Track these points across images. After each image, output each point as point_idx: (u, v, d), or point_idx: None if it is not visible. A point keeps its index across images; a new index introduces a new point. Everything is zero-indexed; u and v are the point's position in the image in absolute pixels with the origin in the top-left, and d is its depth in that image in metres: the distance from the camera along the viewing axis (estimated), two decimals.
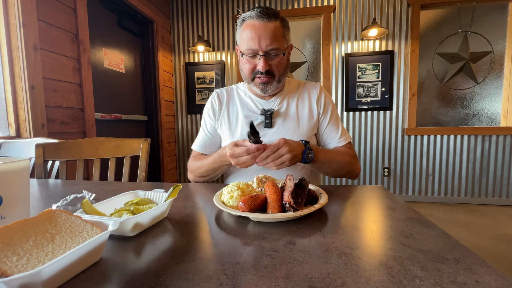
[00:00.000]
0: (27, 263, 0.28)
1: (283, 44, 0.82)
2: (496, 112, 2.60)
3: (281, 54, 0.82)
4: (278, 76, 0.85)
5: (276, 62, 0.83)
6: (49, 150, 1.05)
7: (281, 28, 0.81)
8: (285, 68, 0.87)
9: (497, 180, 2.59)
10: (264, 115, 0.91)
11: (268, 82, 0.85)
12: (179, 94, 3.08)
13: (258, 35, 0.79)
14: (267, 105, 0.93)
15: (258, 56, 0.81)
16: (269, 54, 0.81)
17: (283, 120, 0.92)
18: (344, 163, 0.86)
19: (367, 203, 0.57)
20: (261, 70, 0.82)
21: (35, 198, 0.66)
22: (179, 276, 0.31)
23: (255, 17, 0.79)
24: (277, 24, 0.80)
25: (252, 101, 0.95)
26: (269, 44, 0.79)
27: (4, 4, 1.38)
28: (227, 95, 0.99)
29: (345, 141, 0.93)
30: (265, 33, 0.78)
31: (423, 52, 2.66)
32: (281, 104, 0.93)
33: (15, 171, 0.40)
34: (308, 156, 0.75)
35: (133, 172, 1.06)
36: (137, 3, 2.37)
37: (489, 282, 0.28)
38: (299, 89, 0.97)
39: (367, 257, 0.34)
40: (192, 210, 0.55)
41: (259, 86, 0.86)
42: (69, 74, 1.68)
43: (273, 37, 0.79)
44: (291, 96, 0.95)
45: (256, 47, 0.80)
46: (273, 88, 0.87)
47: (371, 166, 2.80)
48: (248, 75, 0.86)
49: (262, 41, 0.79)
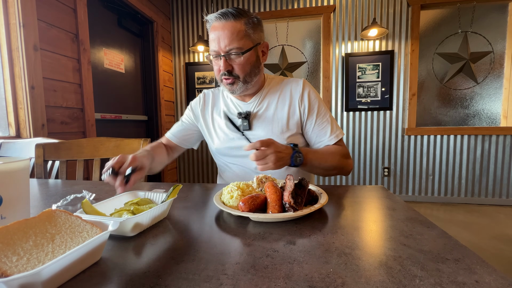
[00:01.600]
0: (27, 263, 0.28)
1: (246, 43, 0.80)
2: (496, 112, 2.60)
3: (240, 54, 0.80)
4: (243, 76, 0.83)
5: (238, 62, 0.81)
6: (49, 150, 1.05)
7: (243, 27, 0.79)
8: (251, 68, 0.83)
9: (497, 180, 2.59)
10: (240, 118, 0.89)
11: (234, 82, 0.83)
12: (179, 94, 3.08)
13: (218, 36, 0.79)
14: (246, 106, 0.92)
15: (219, 57, 0.81)
16: (229, 54, 0.80)
17: (262, 122, 0.89)
18: (335, 163, 0.83)
19: (367, 203, 0.57)
20: (222, 71, 0.82)
21: (35, 198, 0.66)
22: (179, 276, 0.31)
23: (215, 19, 0.80)
24: (238, 23, 0.79)
25: (233, 103, 0.95)
26: (227, 44, 0.78)
27: (4, 4, 1.38)
28: (213, 97, 1.00)
29: (336, 138, 0.89)
30: (223, 34, 0.78)
31: (423, 52, 2.66)
32: (260, 105, 0.91)
33: (15, 171, 0.40)
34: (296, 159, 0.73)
35: None
36: (137, 3, 2.37)
37: (489, 282, 0.28)
38: (281, 87, 0.93)
39: (367, 257, 0.34)
40: (192, 210, 0.55)
41: (226, 87, 0.86)
42: (69, 74, 1.68)
43: (231, 37, 0.78)
44: (272, 95, 0.92)
45: (217, 48, 0.80)
46: (241, 89, 0.85)
47: (371, 166, 2.80)
48: (217, 77, 0.86)
49: (221, 42, 0.78)
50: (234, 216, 0.50)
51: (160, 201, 0.53)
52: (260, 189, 0.56)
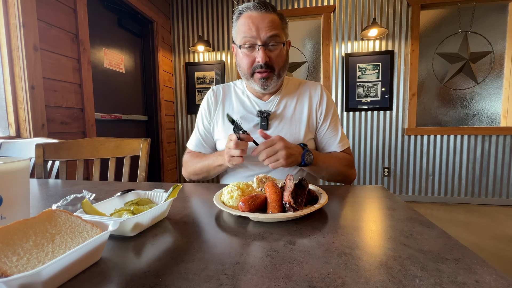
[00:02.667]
0: (27, 263, 0.28)
1: (282, 35, 0.79)
2: (496, 112, 2.60)
3: (281, 44, 0.79)
4: (278, 70, 0.81)
5: (276, 54, 0.79)
6: (49, 150, 1.05)
7: (279, 21, 0.79)
8: (284, 62, 0.83)
9: (497, 180, 2.59)
10: (260, 117, 0.87)
11: (269, 77, 0.81)
12: (179, 94, 3.08)
13: (256, 25, 0.76)
14: (265, 105, 0.89)
15: (257, 47, 0.78)
16: (268, 45, 0.78)
17: (280, 122, 0.88)
18: (342, 169, 0.83)
19: (367, 203, 0.57)
20: (260, 63, 0.78)
21: (35, 198, 0.66)
22: (179, 276, 0.31)
23: (253, 8, 0.77)
24: (275, 16, 0.78)
25: (250, 100, 0.91)
26: (268, 33, 0.76)
27: (4, 4, 1.38)
28: (223, 93, 0.95)
29: (343, 146, 0.90)
30: (263, 23, 0.75)
31: (423, 52, 2.66)
32: (279, 105, 0.89)
33: (15, 171, 0.40)
34: (307, 158, 0.73)
35: (133, 172, 1.07)
36: (137, 3, 2.37)
37: (489, 282, 0.28)
38: (299, 89, 0.92)
39: (367, 257, 0.34)
40: (192, 210, 0.55)
41: (259, 82, 0.82)
42: (69, 74, 1.68)
43: (272, 26, 0.76)
44: (290, 96, 0.91)
45: (255, 36, 0.76)
46: (273, 84, 0.83)
47: (371, 166, 2.80)
48: (247, 70, 0.82)
49: (261, 31, 0.75)
50: (234, 216, 0.50)
51: (160, 201, 0.53)
52: (260, 189, 0.56)
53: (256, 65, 0.79)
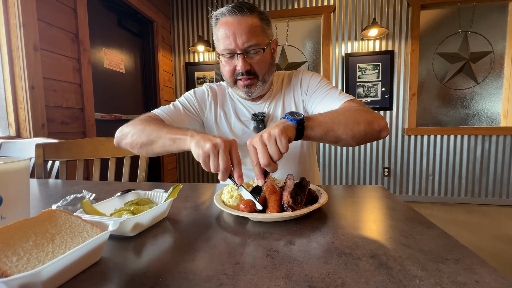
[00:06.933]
0: (27, 263, 0.28)
1: (263, 39, 0.74)
2: (496, 112, 2.60)
3: (261, 50, 0.74)
4: (262, 75, 0.77)
5: (257, 60, 0.74)
6: (49, 150, 1.05)
7: (259, 22, 0.74)
8: (269, 66, 0.78)
9: (497, 180, 2.58)
10: (255, 120, 0.83)
11: (252, 84, 0.77)
12: (179, 94, 3.07)
13: (233, 32, 0.71)
14: (258, 107, 0.86)
15: (236, 56, 0.74)
16: (247, 52, 0.73)
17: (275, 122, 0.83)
18: (355, 116, 0.63)
19: (367, 203, 0.57)
20: (240, 71, 0.74)
21: (35, 198, 0.66)
22: (179, 276, 0.31)
23: (227, 14, 0.72)
24: (254, 18, 0.72)
25: (243, 105, 0.87)
26: (246, 41, 0.71)
27: (4, 4, 1.38)
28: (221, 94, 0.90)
29: (344, 99, 0.73)
30: (240, 29, 0.71)
31: (423, 52, 2.66)
32: (271, 105, 0.86)
33: (15, 171, 0.40)
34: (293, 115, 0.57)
35: (133, 172, 1.07)
36: (137, 3, 2.37)
37: (489, 282, 0.28)
38: (283, 83, 0.88)
39: (367, 257, 0.34)
40: (192, 210, 0.55)
41: (243, 90, 0.78)
42: (69, 74, 1.68)
43: (250, 33, 0.71)
44: (279, 94, 0.87)
45: (233, 46, 0.72)
46: (258, 90, 0.79)
47: (371, 166, 2.80)
48: (230, 78, 0.78)
49: (238, 38, 0.71)
50: (234, 216, 0.50)
51: (160, 201, 0.53)
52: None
53: (238, 73, 0.76)
